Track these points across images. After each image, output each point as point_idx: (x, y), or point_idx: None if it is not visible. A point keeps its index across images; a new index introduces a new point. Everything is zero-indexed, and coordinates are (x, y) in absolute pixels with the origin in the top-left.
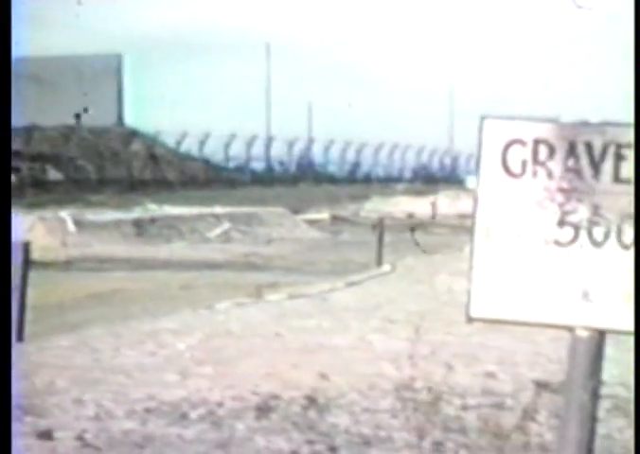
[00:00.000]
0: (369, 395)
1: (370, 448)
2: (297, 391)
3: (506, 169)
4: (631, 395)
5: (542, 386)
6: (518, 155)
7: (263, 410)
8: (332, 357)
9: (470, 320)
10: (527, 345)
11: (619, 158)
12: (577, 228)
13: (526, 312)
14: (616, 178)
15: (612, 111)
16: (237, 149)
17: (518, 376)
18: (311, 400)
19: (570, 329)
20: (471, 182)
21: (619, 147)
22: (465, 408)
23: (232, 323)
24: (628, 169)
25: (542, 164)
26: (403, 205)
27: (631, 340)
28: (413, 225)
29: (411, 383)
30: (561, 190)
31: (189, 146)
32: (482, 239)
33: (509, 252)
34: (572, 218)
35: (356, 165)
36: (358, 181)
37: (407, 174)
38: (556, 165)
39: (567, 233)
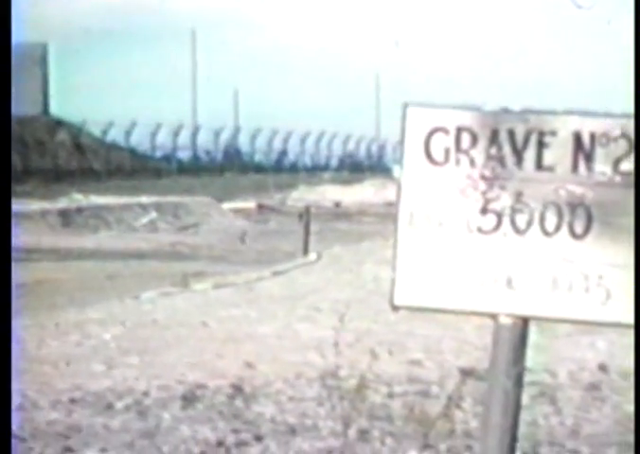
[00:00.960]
0: (295, 384)
1: (296, 437)
2: (223, 380)
3: (429, 157)
4: (556, 382)
5: (467, 373)
6: (441, 143)
7: (189, 399)
8: (258, 346)
9: (394, 308)
10: (453, 333)
11: (541, 146)
12: (499, 215)
13: (450, 300)
14: (539, 165)
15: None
16: (163, 139)
17: (444, 364)
18: (237, 389)
19: (494, 317)
20: (397, 170)
21: (541, 134)
22: (391, 395)
23: (158, 312)
24: (550, 157)
25: (465, 151)
26: (330, 194)
27: (557, 326)
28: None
29: (336, 371)
30: (484, 178)
31: (115, 135)
32: (405, 227)
33: (433, 239)
34: (495, 206)
35: (283, 153)
36: (284, 169)
37: (334, 163)
38: (478, 153)
39: (490, 220)
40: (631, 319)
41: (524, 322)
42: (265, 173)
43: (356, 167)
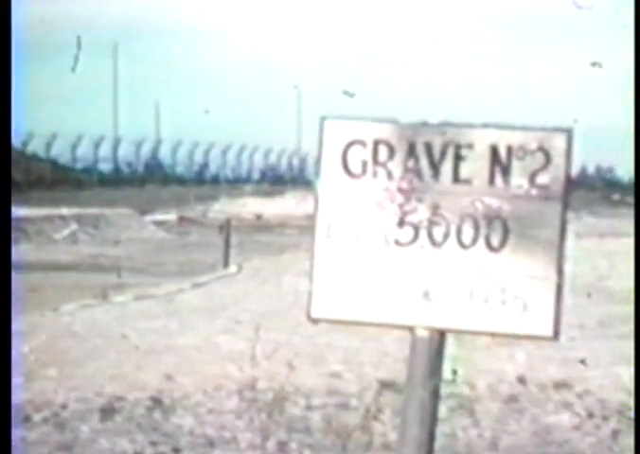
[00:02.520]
0: (214, 396)
1: (214, 449)
2: (142, 392)
3: (347, 170)
4: (475, 394)
5: (386, 385)
6: (358, 156)
7: (107, 411)
8: (178, 359)
9: (311, 320)
10: (373, 345)
11: (458, 158)
12: (416, 228)
13: (368, 312)
14: (456, 178)
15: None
16: (84, 150)
17: (363, 376)
18: (156, 401)
19: (411, 329)
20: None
21: (458, 147)
22: (310, 408)
23: (77, 324)
24: (467, 170)
25: (383, 164)
26: (251, 206)
27: (476, 339)
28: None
29: (255, 384)
30: (401, 190)
31: (36, 146)
32: (323, 240)
33: (350, 252)
34: (412, 219)
35: (204, 166)
36: (206, 182)
37: (255, 175)
38: (396, 166)
39: (407, 233)
40: (547, 331)
41: (441, 334)
42: (186, 185)
43: (277, 180)
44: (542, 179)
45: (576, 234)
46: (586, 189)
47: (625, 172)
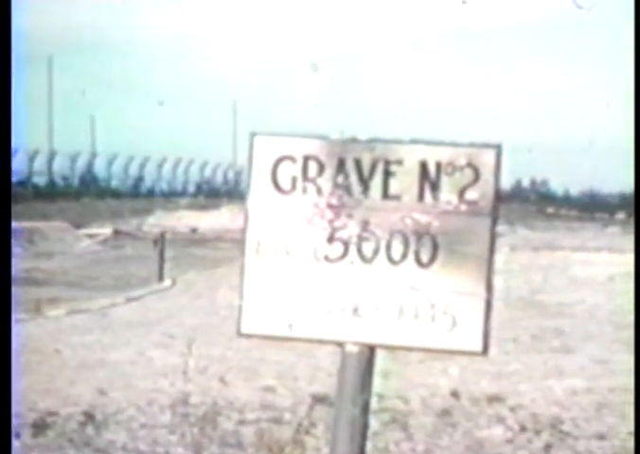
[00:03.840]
0: (147, 411)
1: None
2: (75, 407)
3: (277, 186)
4: (408, 408)
5: (319, 400)
6: (288, 172)
7: (40, 426)
8: (111, 373)
9: (241, 335)
10: (307, 359)
11: (388, 174)
12: (346, 244)
13: (298, 328)
14: (385, 194)
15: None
16: (18, 164)
17: (297, 390)
18: (89, 416)
19: (340, 345)
20: None
21: (388, 163)
22: (243, 422)
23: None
24: (396, 186)
25: (312, 180)
26: (187, 220)
27: (410, 353)
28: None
29: (188, 398)
30: (331, 206)
31: None
32: (253, 255)
33: (280, 267)
34: (341, 234)
35: (139, 179)
36: (141, 195)
37: (191, 189)
38: (325, 182)
39: (337, 249)
40: (476, 346)
41: (371, 350)
42: (122, 199)
43: (213, 193)
44: (471, 195)
45: (510, 247)
46: (521, 202)
47: (559, 185)
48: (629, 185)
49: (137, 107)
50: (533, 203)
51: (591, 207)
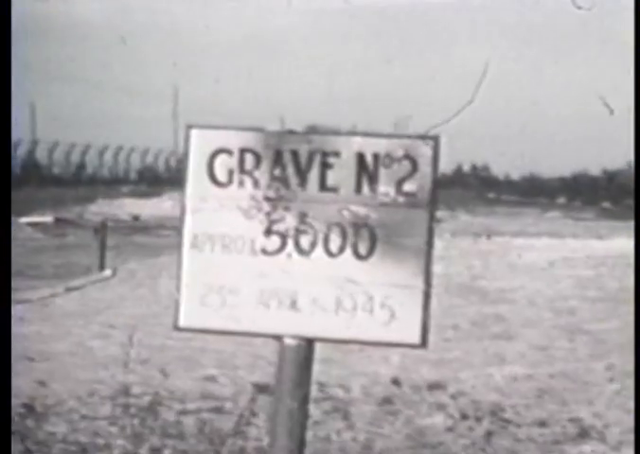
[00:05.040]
0: (88, 402)
1: None
2: (15, 399)
3: (213, 178)
4: (350, 396)
5: (261, 389)
6: (224, 164)
7: None
8: (51, 364)
9: (178, 330)
10: (248, 348)
11: (325, 166)
12: (284, 237)
13: (235, 321)
14: (322, 186)
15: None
16: None
17: (238, 380)
18: (29, 408)
19: (278, 338)
20: None
21: (325, 155)
22: (184, 412)
23: None
24: (333, 178)
25: (249, 173)
26: (129, 207)
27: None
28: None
29: (129, 389)
30: (268, 199)
31: None
32: (190, 248)
33: (217, 261)
34: (279, 227)
35: (81, 167)
36: (83, 183)
37: (133, 176)
38: (262, 174)
39: (274, 241)
40: (415, 339)
41: (309, 343)
42: (63, 186)
43: (155, 181)
44: (409, 186)
45: (451, 233)
46: (462, 187)
47: (500, 170)
48: (569, 170)
49: (77, 94)
50: (474, 189)
51: (531, 192)
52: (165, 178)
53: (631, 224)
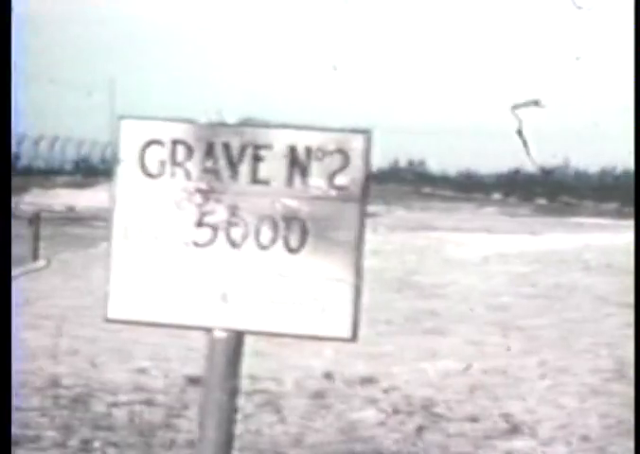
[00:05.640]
0: (19, 394)
1: (18, 448)
2: None
3: (145, 170)
4: (282, 390)
5: (192, 381)
6: (156, 156)
7: None
8: None
9: (108, 321)
10: (180, 340)
11: (257, 159)
12: (215, 229)
13: (165, 314)
14: (254, 179)
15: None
16: None
17: (170, 372)
18: None
19: (208, 331)
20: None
21: (257, 148)
22: (115, 404)
23: None
24: (265, 170)
25: (181, 164)
26: (63, 198)
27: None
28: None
29: (60, 380)
30: (199, 191)
31: None
32: (120, 240)
33: (148, 252)
34: (210, 219)
35: (15, 157)
36: (18, 173)
37: (68, 167)
38: (194, 166)
39: (205, 234)
40: (345, 333)
41: (239, 335)
42: None
43: (90, 172)
44: (341, 180)
45: (387, 227)
46: (398, 182)
47: (436, 165)
48: (505, 166)
49: (12, 84)
50: (410, 184)
51: (467, 188)
52: (100, 169)
53: (566, 221)
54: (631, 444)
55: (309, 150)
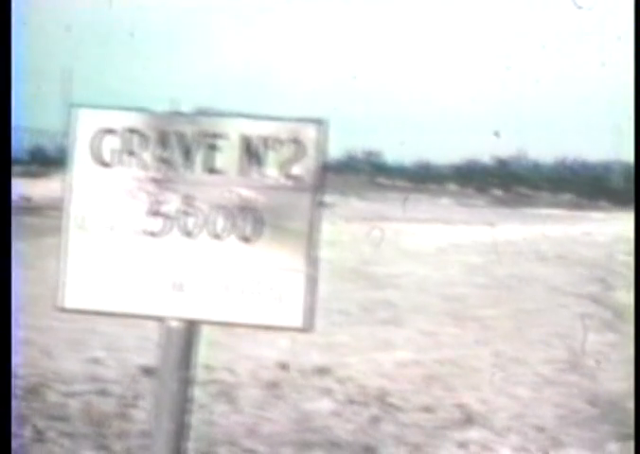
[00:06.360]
0: None
1: None
2: None
3: (98, 159)
4: (236, 380)
5: (147, 372)
6: (109, 145)
7: None
8: None
9: (62, 311)
10: (135, 330)
11: (212, 148)
12: (169, 218)
13: (119, 303)
14: (209, 168)
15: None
16: None
17: (124, 362)
18: None
19: (162, 320)
20: None
21: (212, 137)
22: (69, 394)
23: None
24: (220, 160)
25: (135, 153)
26: (19, 188)
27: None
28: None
29: (15, 370)
30: (154, 180)
31: None
32: (75, 229)
33: (102, 242)
34: (165, 209)
35: None
36: None
37: (24, 156)
38: (148, 156)
39: (160, 223)
40: (298, 323)
41: (193, 325)
42: None
43: (46, 161)
44: (295, 170)
45: (342, 218)
46: (354, 173)
47: (392, 156)
48: (461, 157)
49: None
50: (366, 174)
51: (423, 178)
52: (56, 158)
53: (522, 212)
54: (585, 434)
55: (264, 140)
